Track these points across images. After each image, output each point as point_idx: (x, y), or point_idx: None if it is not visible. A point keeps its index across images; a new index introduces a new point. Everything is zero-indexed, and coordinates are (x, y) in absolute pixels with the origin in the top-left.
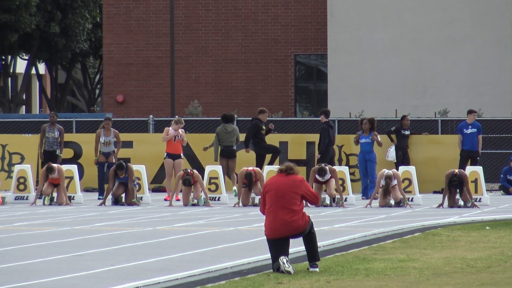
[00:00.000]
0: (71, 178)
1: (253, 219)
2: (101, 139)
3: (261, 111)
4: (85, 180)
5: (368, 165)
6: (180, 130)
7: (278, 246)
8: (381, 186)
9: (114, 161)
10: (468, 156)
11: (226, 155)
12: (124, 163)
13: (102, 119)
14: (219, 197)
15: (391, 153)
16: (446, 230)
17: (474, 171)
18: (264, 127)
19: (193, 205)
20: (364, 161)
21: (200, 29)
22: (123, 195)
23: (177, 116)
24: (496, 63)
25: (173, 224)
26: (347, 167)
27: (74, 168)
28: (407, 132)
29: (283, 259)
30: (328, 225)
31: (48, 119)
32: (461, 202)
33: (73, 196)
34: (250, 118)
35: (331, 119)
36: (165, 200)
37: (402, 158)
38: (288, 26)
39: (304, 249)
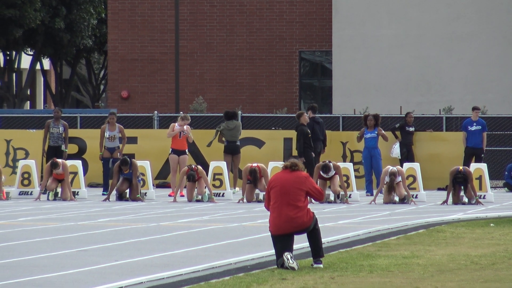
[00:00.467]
0: (76, 173)
1: (257, 215)
2: (106, 133)
3: (299, 115)
4: (89, 176)
5: (373, 161)
6: (185, 127)
7: (282, 242)
8: (385, 182)
9: (119, 156)
10: (472, 153)
11: (231, 151)
12: (128, 159)
13: (107, 114)
14: (223, 193)
15: (396, 150)
16: (450, 227)
17: (478, 168)
18: (309, 131)
19: (197, 201)
20: (370, 157)
21: (205, 25)
22: (127, 190)
23: (181, 112)
24: (501, 60)
25: (177, 220)
26: (352, 164)
27: (78, 163)
28: (411, 129)
29: (287, 255)
30: (332, 222)
31: (52, 115)
32: (465, 199)
33: (77, 192)
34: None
35: (335, 116)
36: (169, 195)
37: (407, 155)
38: (293, 22)
39: (308, 245)
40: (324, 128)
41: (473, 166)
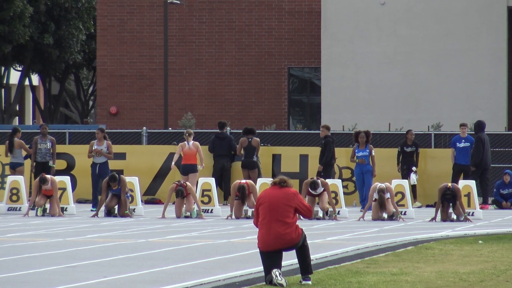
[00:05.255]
0: (64, 189)
1: (246, 232)
2: (93, 148)
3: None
4: (78, 192)
5: (365, 177)
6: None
7: (271, 258)
8: (374, 199)
9: (104, 152)
10: (461, 170)
11: (247, 166)
12: (117, 175)
13: (95, 130)
14: (211, 210)
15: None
16: (439, 243)
17: (467, 185)
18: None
19: (186, 217)
20: (361, 173)
21: (194, 41)
22: (116, 206)
23: (184, 130)
24: (490, 77)
25: (166, 236)
26: (340, 180)
27: (67, 179)
28: (409, 149)
29: (275, 272)
30: (321, 238)
31: (39, 131)
32: (454, 216)
33: (66, 208)
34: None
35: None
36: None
37: (407, 173)
38: (282, 39)
39: (297, 261)
40: (234, 144)
41: (462, 183)
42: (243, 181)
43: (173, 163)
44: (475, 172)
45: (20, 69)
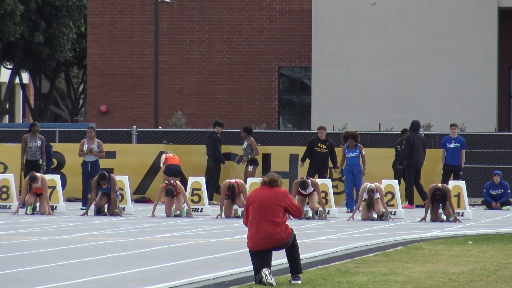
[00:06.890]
0: (54, 187)
1: (235, 231)
2: (84, 147)
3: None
4: (68, 190)
5: (356, 178)
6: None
7: (260, 258)
8: (363, 199)
9: (94, 152)
10: (451, 171)
11: (256, 163)
12: (106, 173)
13: (85, 129)
14: (201, 209)
15: None
16: (429, 244)
17: (457, 185)
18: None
19: (176, 216)
20: (352, 173)
21: (184, 40)
22: (106, 205)
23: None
24: (481, 77)
25: (156, 235)
26: (330, 180)
27: (57, 177)
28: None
29: (265, 271)
30: (311, 238)
31: (28, 129)
32: (443, 216)
33: (56, 206)
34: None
35: (314, 132)
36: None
37: (403, 173)
38: (273, 38)
39: (287, 261)
40: (214, 144)
41: (452, 184)
42: (233, 180)
43: (161, 165)
44: (410, 173)
45: (11, 67)
